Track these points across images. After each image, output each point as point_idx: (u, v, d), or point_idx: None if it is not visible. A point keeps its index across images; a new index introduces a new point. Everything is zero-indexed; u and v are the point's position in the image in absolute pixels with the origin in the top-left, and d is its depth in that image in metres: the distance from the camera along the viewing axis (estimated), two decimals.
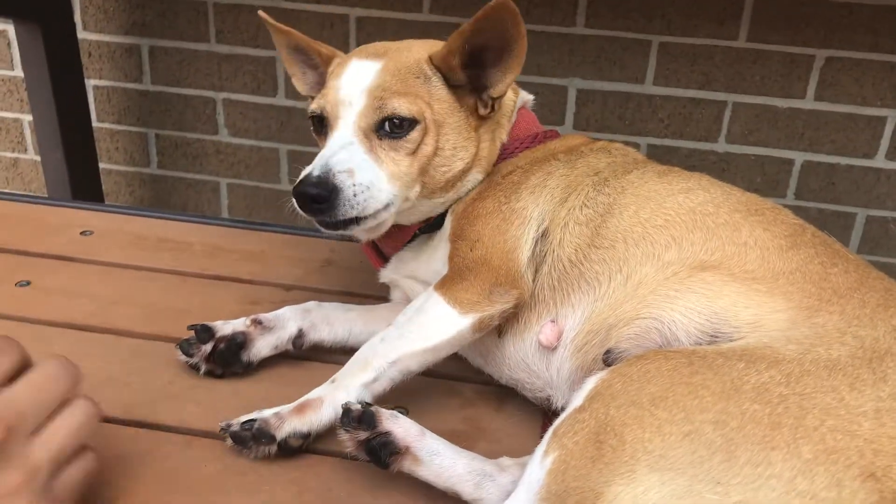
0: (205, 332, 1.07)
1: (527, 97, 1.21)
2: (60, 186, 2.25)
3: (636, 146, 2.23)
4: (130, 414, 0.98)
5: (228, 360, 1.07)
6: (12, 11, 2.07)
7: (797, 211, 2.16)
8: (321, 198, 0.99)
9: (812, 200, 2.24)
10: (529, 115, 1.20)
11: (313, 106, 1.08)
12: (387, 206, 1.03)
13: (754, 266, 0.86)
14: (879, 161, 2.16)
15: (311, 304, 1.16)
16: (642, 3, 2.08)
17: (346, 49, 1.18)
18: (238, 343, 1.07)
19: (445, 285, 1.01)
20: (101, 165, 2.49)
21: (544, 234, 1.03)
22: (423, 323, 0.98)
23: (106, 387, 1.02)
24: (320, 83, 1.18)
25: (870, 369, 0.71)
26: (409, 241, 1.15)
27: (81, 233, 1.41)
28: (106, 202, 2.49)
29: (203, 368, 1.06)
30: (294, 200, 1.01)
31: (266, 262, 1.35)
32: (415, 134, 1.05)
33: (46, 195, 2.34)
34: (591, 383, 0.77)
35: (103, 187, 2.47)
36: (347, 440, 0.89)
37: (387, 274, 1.18)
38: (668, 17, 2.08)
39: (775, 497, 0.64)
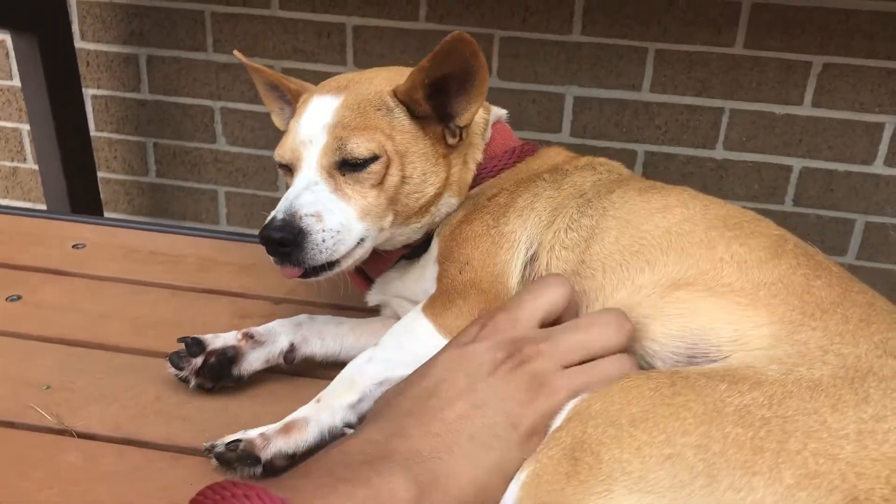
0: (195, 346, 1.06)
1: (500, 112, 1.20)
2: (58, 196, 2.25)
3: (633, 153, 2.23)
4: (118, 431, 0.98)
5: (219, 374, 1.06)
6: (9, 22, 2.08)
7: (796, 218, 2.18)
8: (286, 241, 0.99)
9: (811, 207, 2.23)
10: (504, 130, 1.19)
11: (276, 154, 1.09)
12: (360, 242, 1.04)
13: (732, 279, 0.85)
14: (878, 167, 2.15)
15: (303, 317, 1.15)
16: (638, 11, 2.08)
17: (342, 59, 1.17)
18: (229, 357, 1.06)
19: (434, 309, 1.00)
20: (100, 174, 2.50)
21: (533, 258, 1.02)
22: (410, 347, 0.98)
23: (94, 403, 1.02)
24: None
25: (852, 390, 0.70)
26: (394, 265, 1.14)
27: (74, 246, 1.41)
28: (104, 211, 2.50)
29: (193, 382, 1.06)
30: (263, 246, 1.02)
31: (257, 275, 1.35)
32: (376, 166, 1.04)
33: (43, 205, 2.35)
34: (570, 405, 0.76)
35: (102, 196, 2.48)
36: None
37: (374, 297, 1.18)
38: (664, 23, 2.08)
39: None
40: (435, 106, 1.06)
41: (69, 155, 2.26)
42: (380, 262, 1.14)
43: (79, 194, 2.29)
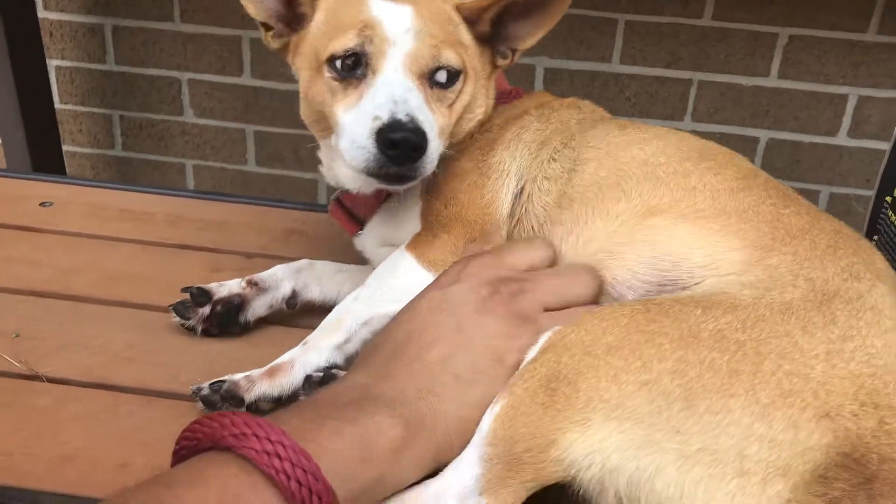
0: (202, 296, 1.07)
1: None
2: (22, 170, 2.21)
3: None
4: (88, 376, 0.97)
5: (227, 321, 1.07)
6: None
7: None
8: (420, 147, 0.91)
9: (778, 178, 2.23)
10: (500, 74, 1.18)
11: (351, 42, 0.95)
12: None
13: (705, 206, 0.86)
14: (842, 139, 2.19)
15: (304, 262, 1.16)
16: None
17: None
18: (236, 305, 1.08)
19: (418, 245, 1.00)
20: (65, 147, 2.45)
21: (522, 190, 1.01)
22: (394, 284, 0.97)
23: (63, 350, 1.01)
24: (280, 14, 1.05)
25: (820, 312, 0.72)
26: (385, 201, 1.10)
27: (41, 204, 1.39)
28: None
29: (199, 329, 1.07)
30: (373, 151, 0.91)
31: (229, 231, 1.34)
32: (458, 85, 1.00)
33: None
34: (544, 337, 0.76)
35: (67, 170, 2.44)
36: None
37: (362, 243, 1.15)
38: None
39: (734, 443, 0.65)
40: (489, 29, 1.04)
41: (33, 128, 2.21)
42: (373, 197, 1.09)
43: (43, 168, 2.25)
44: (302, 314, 1.13)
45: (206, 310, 1.06)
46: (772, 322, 0.71)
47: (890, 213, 0.92)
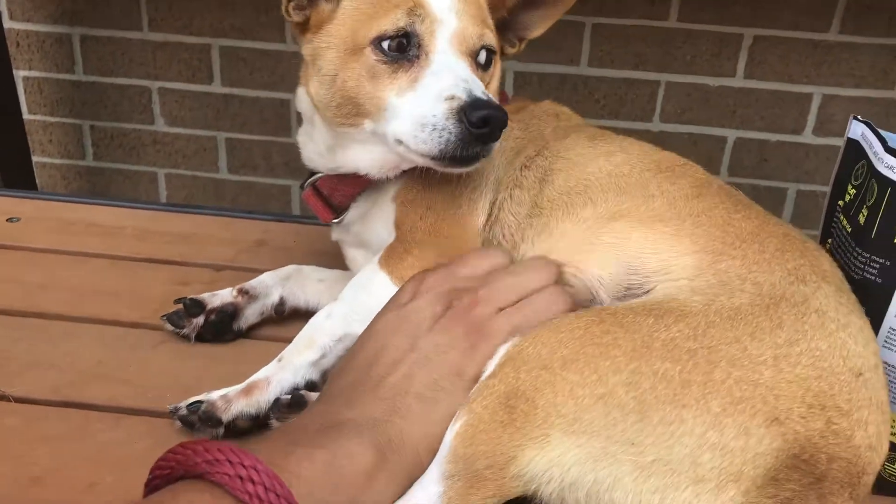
0: (195, 307, 1.09)
1: None
2: None
3: None
4: (58, 394, 0.97)
5: (221, 330, 1.09)
6: None
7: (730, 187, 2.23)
8: (505, 124, 0.89)
9: (746, 177, 2.29)
10: None
11: (402, 21, 0.92)
12: None
13: (661, 211, 0.89)
14: (807, 137, 2.22)
15: (291, 268, 1.17)
16: None
17: (281, 36, 1.08)
18: (230, 313, 1.09)
19: (391, 260, 0.98)
20: (35, 159, 2.44)
21: (496, 199, 1.01)
22: (367, 302, 0.95)
23: (32, 369, 1.01)
24: None
25: (767, 316, 0.74)
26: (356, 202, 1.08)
27: (8, 219, 1.39)
28: None
29: (193, 337, 1.08)
30: (454, 132, 0.87)
31: (197, 244, 1.35)
32: (492, 68, 1.00)
33: None
34: (503, 350, 0.78)
35: (37, 181, 2.42)
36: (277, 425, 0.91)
37: (336, 233, 1.14)
38: None
39: (688, 452, 0.67)
40: (505, 16, 1.04)
41: (1, 140, 2.20)
42: (349, 186, 1.06)
43: (13, 179, 2.23)
44: (270, 325, 1.14)
45: (201, 319, 1.08)
46: (721, 328, 0.73)
47: (842, 217, 0.94)
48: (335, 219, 1.09)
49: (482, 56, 0.98)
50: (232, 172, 2.43)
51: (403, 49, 0.93)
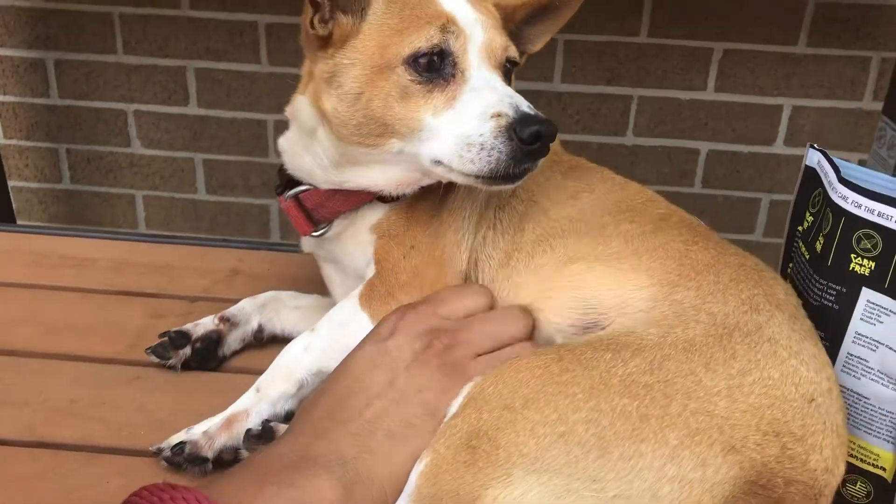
0: (181, 338, 1.10)
1: None
2: None
3: None
4: (31, 434, 0.98)
5: (207, 357, 1.11)
6: None
7: (705, 199, 2.27)
8: (554, 138, 0.88)
9: (719, 188, 2.32)
10: None
11: (436, 38, 0.89)
12: None
13: (618, 249, 0.90)
14: (778, 147, 2.25)
15: (268, 295, 1.18)
16: None
17: (256, 58, 1.03)
18: (214, 340, 1.11)
19: (373, 303, 0.96)
20: (11, 183, 2.43)
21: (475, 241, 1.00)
22: (346, 342, 0.92)
23: (5, 407, 1.02)
24: None
25: (721, 347, 0.76)
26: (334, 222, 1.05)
27: None
28: (17, 220, 2.43)
29: (179, 367, 1.10)
30: (504, 150, 0.85)
31: (172, 275, 1.35)
32: (512, 80, 0.98)
33: None
34: (465, 390, 0.79)
35: (14, 205, 2.41)
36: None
37: (308, 246, 1.11)
38: None
39: (648, 486, 0.68)
40: (512, 30, 1.03)
41: None
42: (341, 203, 1.02)
43: None
44: (240, 356, 1.16)
45: (188, 350, 1.10)
46: (677, 361, 0.75)
47: (801, 243, 0.96)
48: (314, 231, 1.05)
49: (507, 67, 0.96)
50: (210, 193, 2.44)
51: (437, 68, 0.90)
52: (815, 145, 0.97)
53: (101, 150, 2.41)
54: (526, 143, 0.84)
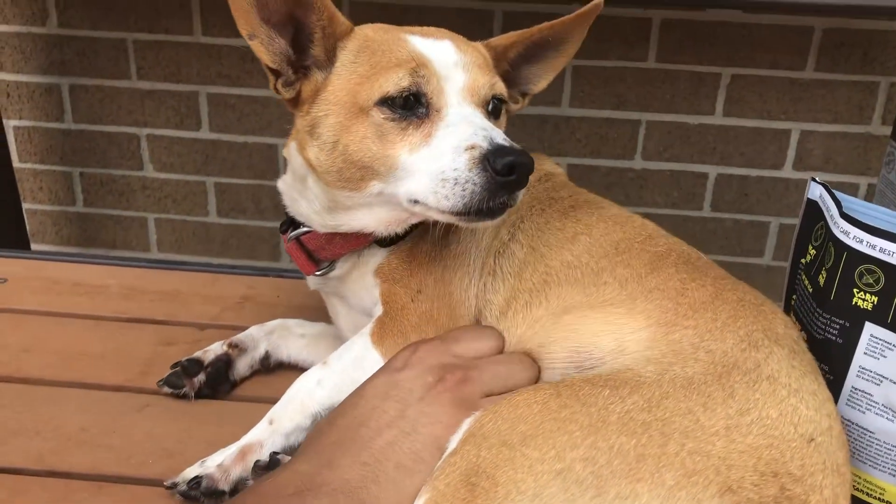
0: (194, 366, 1.12)
1: None
2: None
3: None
4: (41, 463, 0.99)
5: (219, 380, 1.12)
6: None
7: (714, 223, 2.27)
8: (532, 170, 0.86)
9: (727, 212, 2.32)
10: None
11: (405, 81, 0.89)
12: None
13: (612, 296, 0.91)
14: (787, 171, 2.26)
15: (275, 323, 1.20)
16: None
17: (266, 83, 1.04)
18: (224, 363, 1.13)
19: (385, 341, 0.97)
20: (26, 206, 2.47)
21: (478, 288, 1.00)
22: (360, 379, 0.93)
23: (16, 436, 1.03)
24: (287, 57, 0.97)
25: (719, 385, 0.76)
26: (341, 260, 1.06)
27: None
28: (31, 243, 2.46)
29: (192, 395, 1.11)
30: (479, 182, 0.84)
31: (182, 302, 1.37)
32: (503, 117, 0.98)
33: None
34: (465, 425, 0.80)
35: (28, 228, 2.45)
36: None
37: (313, 283, 1.13)
38: None
39: None
40: (508, 70, 1.05)
41: None
42: (340, 246, 1.04)
43: (3, 227, 2.26)
44: (248, 385, 1.17)
45: (202, 377, 1.12)
46: (675, 399, 0.75)
47: (803, 276, 0.97)
48: (317, 271, 1.07)
49: (493, 106, 0.96)
50: (221, 216, 2.46)
51: (411, 106, 0.90)
52: (817, 178, 0.97)
53: (114, 173, 2.44)
54: (500, 174, 0.84)
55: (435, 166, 0.87)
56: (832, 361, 0.90)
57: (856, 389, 0.88)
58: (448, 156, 0.86)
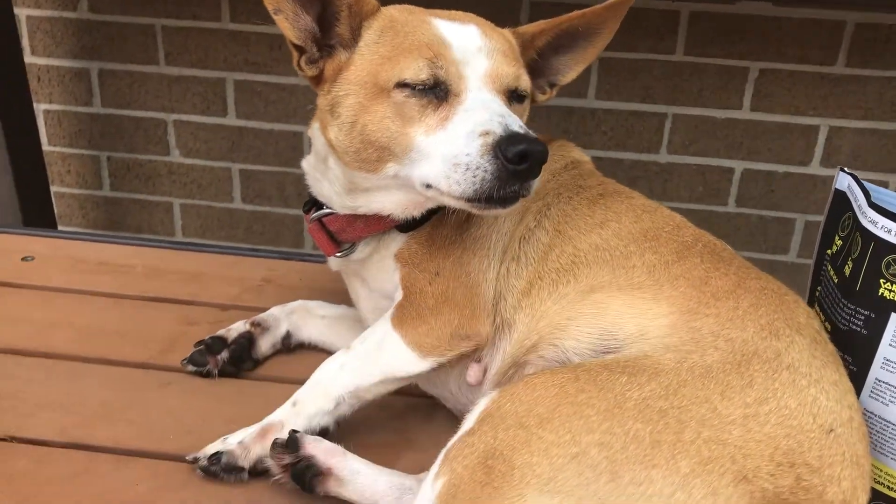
0: (218, 343, 1.14)
1: None
2: (10, 211, 2.24)
3: None
4: (65, 436, 1.00)
5: (242, 357, 1.15)
6: None
7: (739, 218, 2.25)
8: (546, 158, 0.85)
9: (753, 207, 2.30)
10: None
11: (424, 71, 0.90)
12: None
13: (640, 280, 0.90)
14: (815, 168, 2.23)
15: (297, 304, 1.22)
16: None
17: (293, 70, 1.04)
18: (248, 340, 1.16)
19: (404, 324, 0.97)
20: (54, 189, 2.50)
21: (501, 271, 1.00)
22: (382, 361, 0.97)
23: (41, 409, 1.05)
24: (313, 34, 0.98)
25: (738, 374, 0.76)
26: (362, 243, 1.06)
27: (23, 258, 1.43)
28: (58, 225, 2.49)
29: (216, 373, 1.13)
30: (490, 169, 0.84)
31: (204, 283, 1.38)
32: (525, 105, 0.98)
33: None
34: (482, 404, 0.80)
35: (56, 210, 2.48)
36: (273, 465, 0.93)
37: (335, 265, 1.13)
38: None
39: None
40: (535, 59, 1.04)
41: (21, 170, 2.25)
42: (361, 229, 1.04)
43: (32, 209, 2.29)
44: (269, 364, 1.18)
45: (225, 354, 1.14)
46: (693, 387, 0.74)
47: (829, 267, 0.96)
48: (338, 252, 1.07)
49: (516, 95, 0.96)
50: (246, 202, 2.47)
51: (431, 87, 0.90)
52: (846, 168, 0.96)
53: (140, 158, 2.46)
54: (511, 161, 0.83)
55: (449, 150, 0.87)
56: (856, 352, 0.89)
57: (879, 381, 0.87)
58: (462, 140, 0.86)
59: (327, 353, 1.07)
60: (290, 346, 1.20)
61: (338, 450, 0.92)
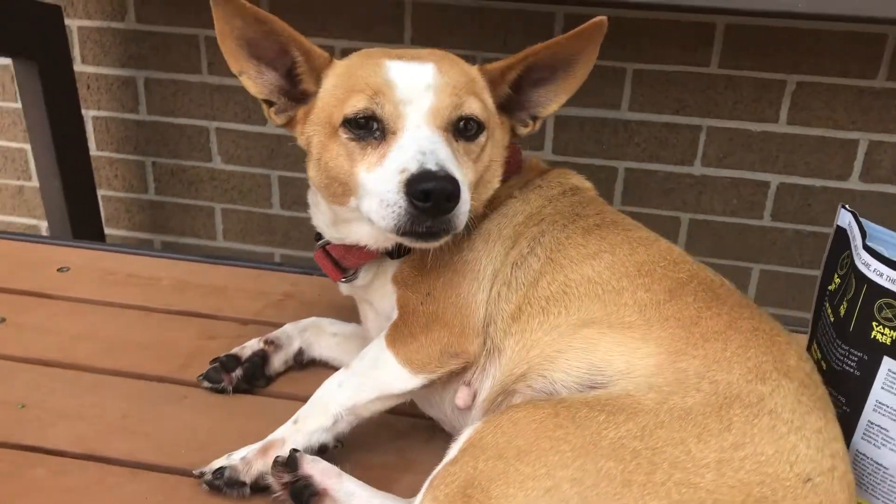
0: (232, 362, 1.19)
1: None
2: (59, 214, 2.34)
3: (614, 170, 2.28)
4: (82, 447, 1.06)
5: (255, 375, 1.19)
6: (9, 50, 2.16)
7: (774, 232, 2.23)
8: (454, 196, 0.88)
9: (789, 222, 2.26)
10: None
11: (361, 105, 0.95)
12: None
13: (631, 319, 0.91)
14: (853, 183, 2.19)
15: (310, 321, 1.27)
16: (614, 31, 2.12)
17: None
18: (261, 358, 1.20)
19: (397, 342, 1.02)
20: (101, 192, 2.59)
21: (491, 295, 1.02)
22: (376, 378, 1.02)
23: (63, 420, 1.10)
24: (281, 87, 1.06)
25: (717, 417, 0.76)
26: (365, 267, 1.11)
27: (59, 269, 1.49)
28: (105, 228, 2.58)
29: (230, 389, 1.18)
30: (407, 204, 0.88)
31: (227, 297, 1.42)
32: (482, 139, 1.00)
33: (45, 228, 2.43)
34: (466, 434, 0.82)
35: (102, 213, 2.57)
36: (273, 483, 0.97)
37: (345, 289, 1.17)
38: (639, 44, 2.13)
39: None
40: (510, 93, 1.06)
41: (69, 175, 2.34)
42: (356, 257, 1.09)
43: (79, 212, 2.38)
44: (280, 382, 1.22)
45: (239, 372, 1.18)
46: (669, 429, 0.75)
47: (827, 305, 0.95)
48: (343, 278, 1.13)
49: (465, 125, 0.97)
50: (284, 209, 2.53)
51: (369, 128, 0.96)
52: (847, 206, 0.95)
53: (184, 164, 2.53)
54: (417, 199, 0.87)
55: (380, 187, 0.92)
56: (849, 394, 0.88)
57: (872, 424, 0.87)
58: (388, 177, 0.91)
59: (338, 369, 1.10)
60: (302, 362, 1.25)
61: (334, 471, 0.96)
